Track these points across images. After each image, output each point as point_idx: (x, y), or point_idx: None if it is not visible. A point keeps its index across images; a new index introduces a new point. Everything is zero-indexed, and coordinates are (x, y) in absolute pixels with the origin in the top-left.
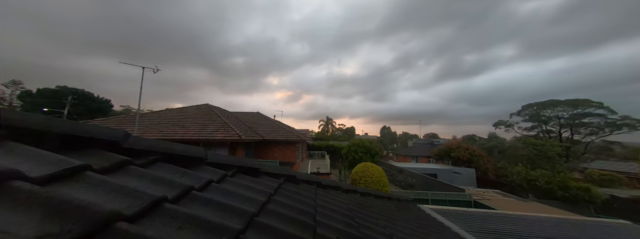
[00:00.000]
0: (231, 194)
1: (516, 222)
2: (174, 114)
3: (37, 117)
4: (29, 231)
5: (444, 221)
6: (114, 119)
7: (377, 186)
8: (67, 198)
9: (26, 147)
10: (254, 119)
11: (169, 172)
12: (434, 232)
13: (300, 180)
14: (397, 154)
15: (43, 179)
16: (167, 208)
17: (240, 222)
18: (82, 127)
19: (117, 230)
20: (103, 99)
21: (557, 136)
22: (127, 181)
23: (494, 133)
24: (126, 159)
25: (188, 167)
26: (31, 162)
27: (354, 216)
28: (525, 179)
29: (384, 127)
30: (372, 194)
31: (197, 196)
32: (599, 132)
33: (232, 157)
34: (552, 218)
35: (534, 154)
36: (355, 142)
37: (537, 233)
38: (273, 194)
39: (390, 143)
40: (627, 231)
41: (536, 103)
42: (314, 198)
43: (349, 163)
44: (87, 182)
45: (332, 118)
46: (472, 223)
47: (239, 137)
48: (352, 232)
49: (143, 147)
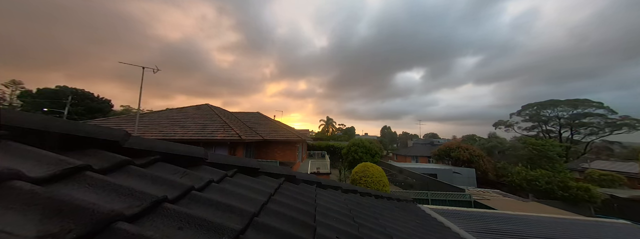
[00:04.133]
0: (231, 194)
1: (516, 222)
2: (174, 114)
3: (37, 117)
4: (29, 231)
5: (444, 221)
6: (114, 119)
7: (377, 186)
8: (67, 198)
9: (26, 147)
10: (254, 119)
11: (169, 173)
12: (434, 232)
13: (300, 180)
14: (397, 154)
15: (43, 179)
16: (167, 208)
17: (241, 222)
18: (82, 127)
19: (117, 230)
20: (103, 99)
21: (557, 136)
22: (127, 181)
23: (494, 133)
24: (126, 159)
25: (188, 167)
26: (31, 162)
27: (354, 216)
28: (525, 179)
29: (384, 127)
30: (372, 194)
31: (197, 196)
32: (599, 132)
33: (232, 157)
34: (552, 218)
35: (534, 154)
36: (355, 142)
37: (537, 233)
38: (273, 194)
39: (390, 143)
40: (627, 231)
41: (536, 103)
42: (314, 198)
43: (349, 163)
44: (87, 182)
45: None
46: (472, 223)
47: (239, 137)
48: (352, 232)
49: (143, 147)
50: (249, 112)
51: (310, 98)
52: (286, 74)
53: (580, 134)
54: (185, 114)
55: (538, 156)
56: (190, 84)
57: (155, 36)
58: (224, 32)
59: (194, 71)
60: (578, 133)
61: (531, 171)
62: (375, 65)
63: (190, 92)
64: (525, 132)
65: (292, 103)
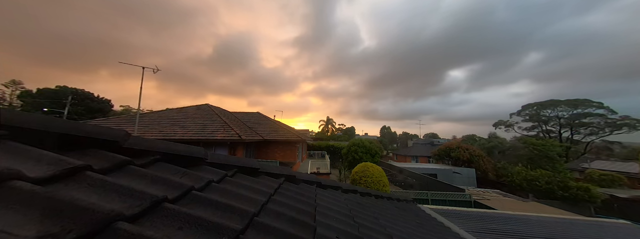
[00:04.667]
0: (231, 194)
1: (516, 222)
2: (174, 114)
3: (37, 117)
4: (29, 231)
5: (444, 221)
6: (114, 119)
7: (377, 186)
8: (67, 198)
9: (26, 147)
10: (254, 119)
11: (169, 173)
12: (433, 232)
13: (300, 180)
14: (397, 154)
15: (43, 179)
16: (167, 208)
17: (241, 222)
18: (82, 127)
19: (117, 230)
20: (103, 99)
21: (557, 136)
22: (127, 181)
23: (494, 133)
24: (126, 159)
25: (188, 167)
26: (31, 162)
27: (354, 216)
28: (525, 179)
29: (383, 127)
30: (372, 194)
31: (197, 196)
32: (599, 132)
33: (232, 157)
34: (552, 218)
35: (534, 154)
36: (355, 142)
37: (537, 233)
38: (273, 194)
39: (390, 143)
40: (627, 231)
41: (536, 103)
42: (314, 198)
43: (349, 163)
44: (87, 182)
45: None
46: (472, 223)
47: (239, 137)
48: (352, 232)
49: (143, 147)
50: (249, 112)
51: (342, 97)
52: (328, 72)
53: (580, 134)
54: (185, 114)
55: (538, 156)
56: (227, 82)
57: (224, 23)
58: (293, 23)
59: (238, 69)
60: (578, 133)
61: (531, 171)
62: (427, 61)
63: (223, 92)
64: (525, 132)
65: (318, 102)
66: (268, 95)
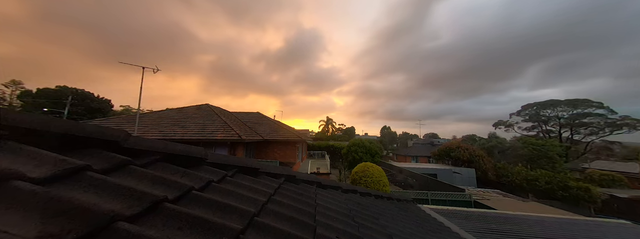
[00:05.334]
0: (231, 194)
1: (516, 222)
2: (173, 114)
3: (37, 117)
4: (29, 231)
5: (444, 221)
6: (114, 119)
7: (377, 186)
8: (67, 198)
9: (26, 147)
10: (254, 119)
11: (169, 173)
12: (433, 232)
13: (300, 180)
14: (397, 154)
15: (43, 179)
16: (168, 208)
17: (241, 222)
18: (82, 127)
19: (117, 230)
20: (103, 99)
21: (557, 136)
22: (128, 181)
23: (494, 133)
24: (126, 160)
25: (188, 167)
26: (31, 162)
27: (354, 216)
28: (525, 179)
29: (384, 127)
30: (372, 194)
31: (198, 196)
32: (599, 132)
33: (232, 158)
34: (552, 218)
35: (534, 154)
36: (355, 142)
37: (537, 233)
38: (273, 194)
39: (390, 143)
40: (627, 231)
41: (536, 103)
42: (314, 198)
43: (349, 163)
44: (87, 182)
45: None
46: (472, 223)
47: (239, 138)
48: (352, 232)
49: (143, 148)
50: (249, 112)
51: (382, 97)
52: (385, 70)
53: (580, 134)
54: (185, 114)
55: (538, 156)
56: (275, 80)
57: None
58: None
59: (294, 67)
60: (578, 133)
61: (531, 171)
62: (505, 54)
63: (263, 91)
64: (525, 132)
65: (350, 101)
66: (310, 94)
